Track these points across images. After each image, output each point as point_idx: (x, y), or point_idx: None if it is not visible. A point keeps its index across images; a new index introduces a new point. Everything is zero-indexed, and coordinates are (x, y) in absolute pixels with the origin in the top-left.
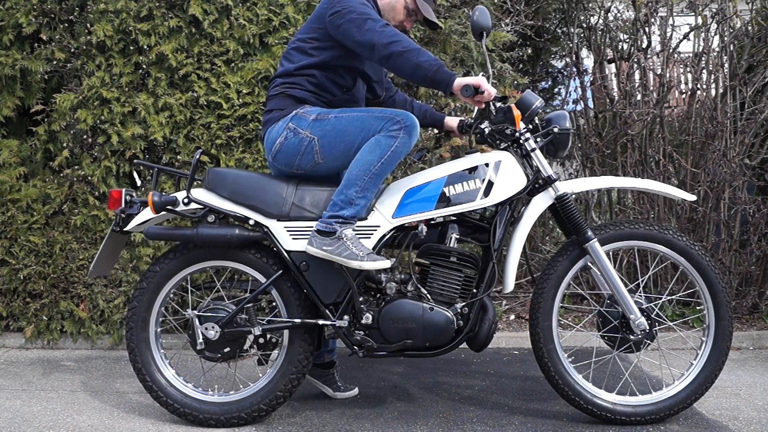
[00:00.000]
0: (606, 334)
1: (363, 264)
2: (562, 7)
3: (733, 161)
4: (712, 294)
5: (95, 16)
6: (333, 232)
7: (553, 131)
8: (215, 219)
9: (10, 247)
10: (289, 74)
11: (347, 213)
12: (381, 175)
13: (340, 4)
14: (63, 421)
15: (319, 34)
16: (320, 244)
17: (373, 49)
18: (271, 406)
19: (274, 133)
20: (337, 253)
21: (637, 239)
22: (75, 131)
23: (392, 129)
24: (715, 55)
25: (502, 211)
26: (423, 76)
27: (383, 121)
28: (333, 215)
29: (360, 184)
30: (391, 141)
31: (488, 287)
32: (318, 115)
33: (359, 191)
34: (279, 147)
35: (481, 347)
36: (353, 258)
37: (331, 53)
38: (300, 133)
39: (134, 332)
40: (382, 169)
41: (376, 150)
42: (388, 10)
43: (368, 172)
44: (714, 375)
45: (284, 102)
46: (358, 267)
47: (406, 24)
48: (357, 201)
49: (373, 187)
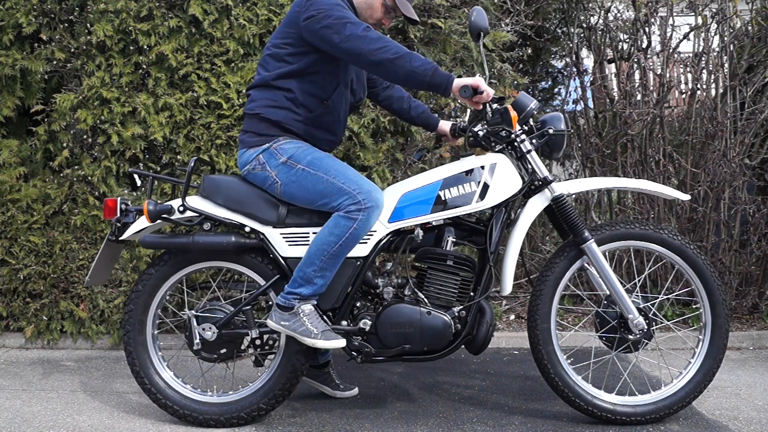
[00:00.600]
0: (604, 335)
1: (316, 342)
2: (562, 7)
3: (733, 161)
4: (707, 292)
5: (95, 16)
6: (291, 307)
7: (548, 133)
8: (211, 226)
9: (10, 247)
10: (266, 85)
11: (305, 291)
12: (339, 256)
13: (314, 8)
14: (63, 421)
15: (293, 39)
16: (278, 319)
17: (359, 57)
18: (271, 405)
19: (245, 157)
20: (293, 329)
21: (633, 239)
22: (75, 131)
23: (351, 210)
24: (715, 55)
25: (498, 213)
26: (419, 82)
27: (344, 197)
28: (291, 292)
29: (318, 264)
30: (350, 223)
31: (485, 290)
32: (288, 159)
33: (317, 270)
34: (247, 173)
35: (479, 350)
36: (307, 335)
37: (307, 59)
38: (267, 170)
39: (131, 335)
40: (340, 250)
41: (335, 231)
42: (365, 8)
43: (326, 252)
44: (712, 373)
45: (259, 126)
46: (311, 345)
47: (384, 21)
48: (315, 280)
49: (332, 267)
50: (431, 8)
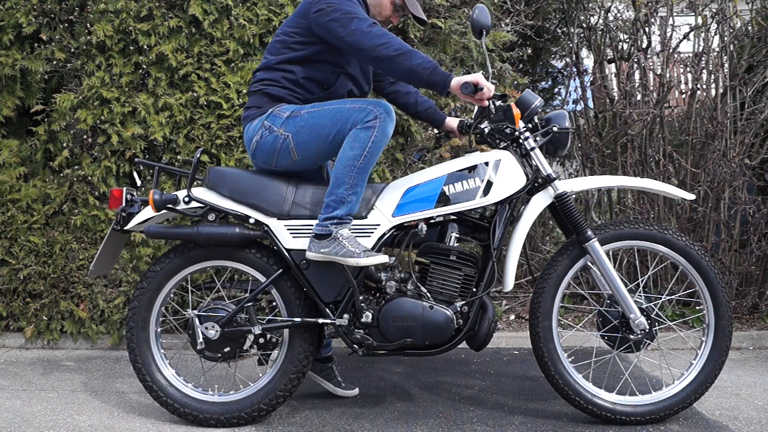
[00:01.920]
0: (606, 334)
1: (360, 261)
2: (562, 7)
3: (733, 161)
4: (711, 294)
5: (95, 16)
6: (329, 233)
7: (552, 130)
8: (216, 218)
9: (10, 247)
10: (269, 68)
11: (340, 212)
12: (367, 168)
13: (324, 1)
14: (63, 421)
15: (302, 29)
16: (318, 248)
17: (361, 52)
18: (272, 405)
19: (250, 131)
20: (334, 253)
21: (636, 239)
22: (75, 131)
23: (367, 120)
24: (715, 55)
25: (501, 210)
26: (418, 79)
27: (357, 113)
28: (327, 217)
29: (348, 182)
30: (369, 132)
31: (488, 286)
32: (291, 113)
33: (349, 188)
34: (256, 145)
35: (480, 346)
36: (350, 255)
37: (313, 48)
38: (275, 131)
39: (134, 332)
40: (367, 161)
41: (356, 144)
42: (375, 5)
43: (354, 167)
44: (714, 375)
45: (261, 100)
46: (355, 264)
47: (393, 19)
48: (348, 198)
49: (362, 182)
50: (431, 8)
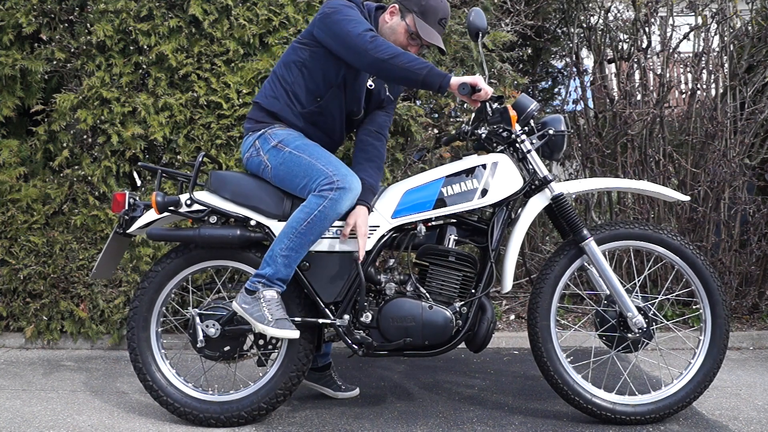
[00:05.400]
0: (604, 334)
1: (267, 329)
2: (562, 7)
3: (733, 161)
4: (707, 293)
5: (95, 16)
6: (254, 291)
7: (548, 133)
8: (217, 220)
9: (10, 247)
10: (272, 72)
11: (268, 271)
12: (307, 235)
13: (329, 6)
14: (63, 421)
15: (308, 35)
16: (241, 301)
17: (358, 54)
18: (272, 405)
19: (246, 144)
20: (250, 313)
21: (632, 239)
22: (75, 131)
23: (324, 188)
24: (715, 55)
25: (499, 212)
26: (414, 80)
27: (321, 176)
28: (258, 274)
29: (286, 242)
30: (320, 201)
31: (486, 287)
32: (278, 143)
33: (284, 249)
34: (246, 160)
35: (479, 347)
36: (261, 321)
37: (310, 51)
38: (261, 155)
39: (135, 332)
40: (308, 228)
41: (305, 208)
42: (389, 33)
43: (294, 230)
44: (712, 373)
45: (259, 114)
46: (262, 331)
47: (411, 49)
48: (279, 259)
49: (300, 248)
50: None
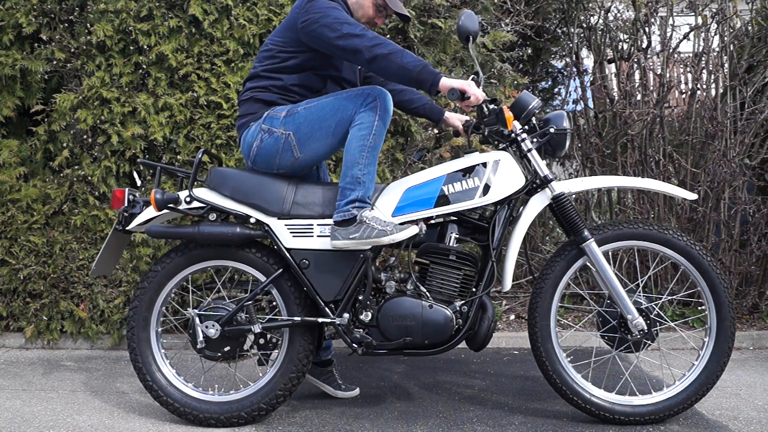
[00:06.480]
0: (605, 334)
1: (395, 237)
2: (562, 7)
3: (733, 161)
4: (713, 294)
5: (95, 16)
6: (353, 218)
7: (549, 131)
8: (217, 217)
9: (10, 247)
10: (256, 77)
11: (359, 193)
12: (376, 148)
13: (313, 10)
14: (63, 421)
15: (289, 40)
16: (345, 235)
17: (356, 53)
18: (272, 405)
19: (249, 137)
20: (366, 236)
21: (636, 239)
22: (75, 131)
23: (368, 102)
24: (715, 55)
25: (500, 210)
26: (408, 77)
27: (355, 99)
28: (347, 201)
29: (361, 161)
30: (373, 113)
31: (487, 286)
32: (288, 111)
33: (362, 168)
34: (256, 150)
35: (480, 346)
36: (383, 235)
37: (302, 57)
38: (274, 131)
39: (135, 331)
40: (375, 140)
41: (364, 125)
42: (357, 8)
43: (365, 147)
44: (715, 376)
45: (254, 106)
46: (391, 241)
47: (377, 21)
48: (363, 178)
49: (373, 162)
50: (431, 8)
